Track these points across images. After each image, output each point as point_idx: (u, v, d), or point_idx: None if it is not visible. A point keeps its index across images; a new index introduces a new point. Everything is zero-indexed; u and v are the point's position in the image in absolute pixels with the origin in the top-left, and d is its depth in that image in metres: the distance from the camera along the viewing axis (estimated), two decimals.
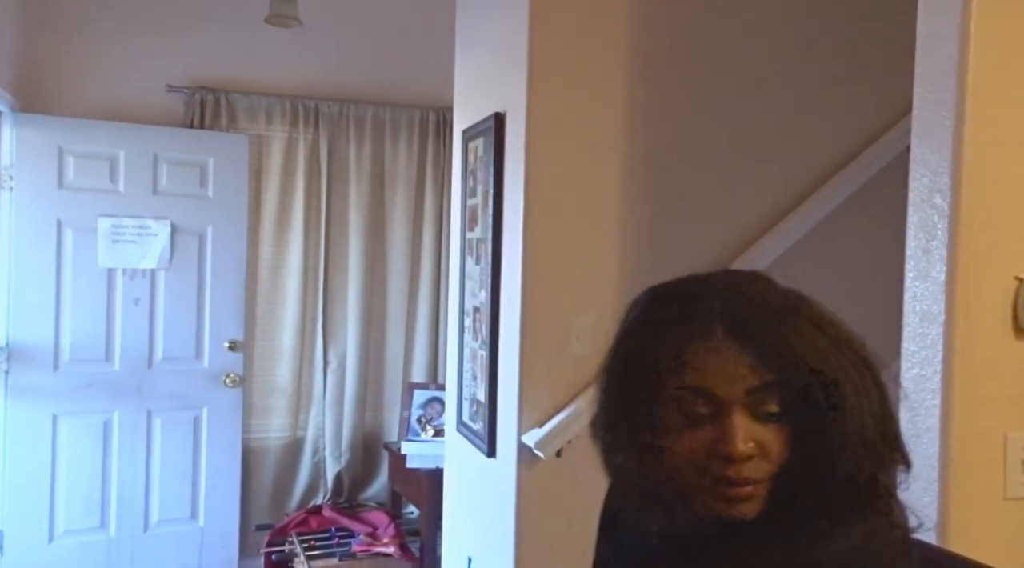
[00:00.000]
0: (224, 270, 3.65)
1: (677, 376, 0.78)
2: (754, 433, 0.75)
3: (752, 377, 0.75)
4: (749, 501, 0.76)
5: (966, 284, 1.13)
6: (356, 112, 3.90)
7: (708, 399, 0.77)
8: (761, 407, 0.76)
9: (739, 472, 0.75)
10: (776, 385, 0.75)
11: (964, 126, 1.11)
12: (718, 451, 0.75)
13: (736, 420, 0.75)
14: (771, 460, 0.76)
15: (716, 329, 0.77)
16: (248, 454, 3.79)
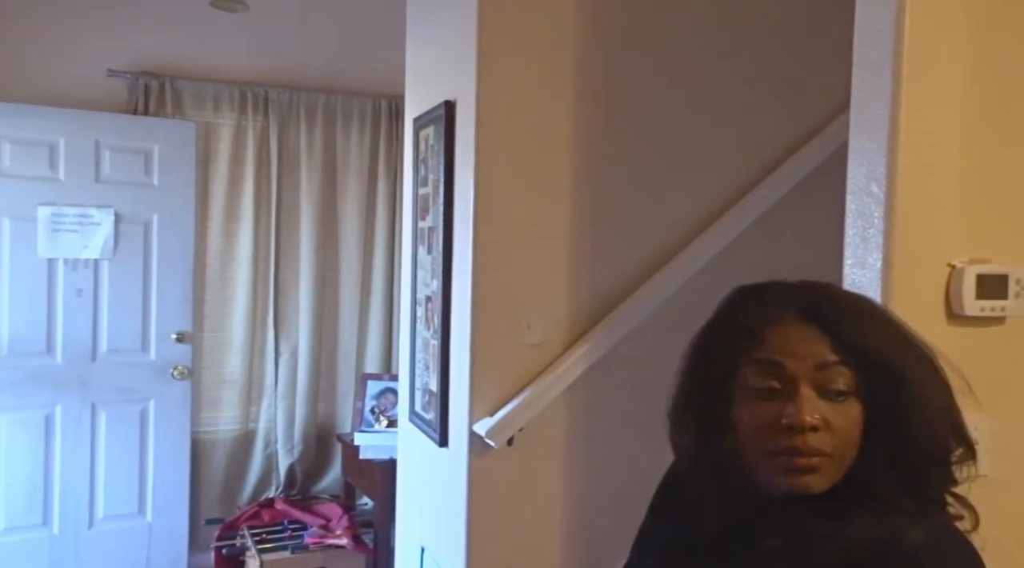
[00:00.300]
0: (171, 260, 3.57)
1: (751, 351, 0.84)
2: (820, 408, 0.80)
3: (821, 355, 0.81)
4: (814, 474, 0.79)
5: (901, 271, 1.16)
6: (307, 100, 3.84)
7: (778, 373, 0.82)
8: (828, 384, 0.80)
9: (805, 441, 0.79)
10: (844, 365, 0.80)
11: (899, 116, 1.13)
12: (785, 422, 0.79)
13: (804, 392, 0.80)
14: (837, 436, 0.79)
15: (791, 314, 0.84)
16: (198, 447, 3.73)
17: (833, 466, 0.80)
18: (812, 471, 0.80)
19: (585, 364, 2.16)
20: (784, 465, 0.80)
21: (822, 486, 0.80)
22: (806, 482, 0.80)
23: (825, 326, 0.82)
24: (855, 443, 0.81)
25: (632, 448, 2.27)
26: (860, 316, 0.84)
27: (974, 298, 1.17)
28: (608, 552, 2.27)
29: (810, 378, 0.81)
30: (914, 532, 0.77)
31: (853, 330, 0.82)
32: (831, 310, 0.84)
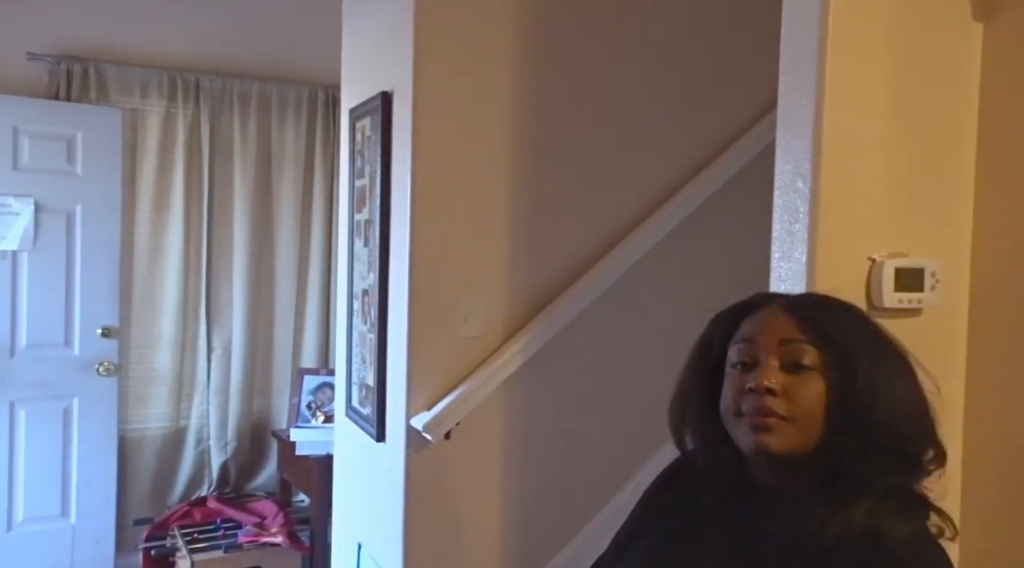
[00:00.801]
0: (96, 252, 3.44)
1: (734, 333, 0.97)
2: (781, 377, 0.90)
3: (787, 332, 0.92)
4: (771, 433, 0.88)
5: (824, 264, 1.20)
6: (240, 87, 3.74)
7: (750, 349, 0.93)
8: (791, 358, 0.90)
9: (763, 402, 0.88)
10: (808, 344, 0.90)
11: (823, 114, 1.17)
12: (748, 385, 0.91)
13: (767, 362, 0.91)
14: (795, 403, 0.89)
15: (773, 306, 0.97)
16: (125, 445, 3.61)
17: (791, 431, 0.89)
18: (769, 430, 0.89)
19: (523, 357, 2.17)
20: (747, 425, 0.90)
21: (780, 447, 0.89)
22: (765, 440, 0.89)
23: (797, 313, 0.93)
24: (816, 415, 0.89)
25: (569, 440, 2.29)
26: (830, 308, 0.95)
27: (893, 290, 1.22)
28: (546, 543, 2.28)
29: (775, 351, 0.91)
30: (902, 528, 0.84)
31: (821, 317, 0.93)
32: (809, 303, 0.96)
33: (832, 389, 0.89)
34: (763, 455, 0.90)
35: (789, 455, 0.89)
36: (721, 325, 1.01)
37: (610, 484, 2.35)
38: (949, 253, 1.28)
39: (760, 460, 0.92)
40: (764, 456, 0.90)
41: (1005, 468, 1.23)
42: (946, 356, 1.29)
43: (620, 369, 2.34)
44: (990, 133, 1.28)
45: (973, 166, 1.30)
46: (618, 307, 2.33)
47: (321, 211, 3.93)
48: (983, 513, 1.24)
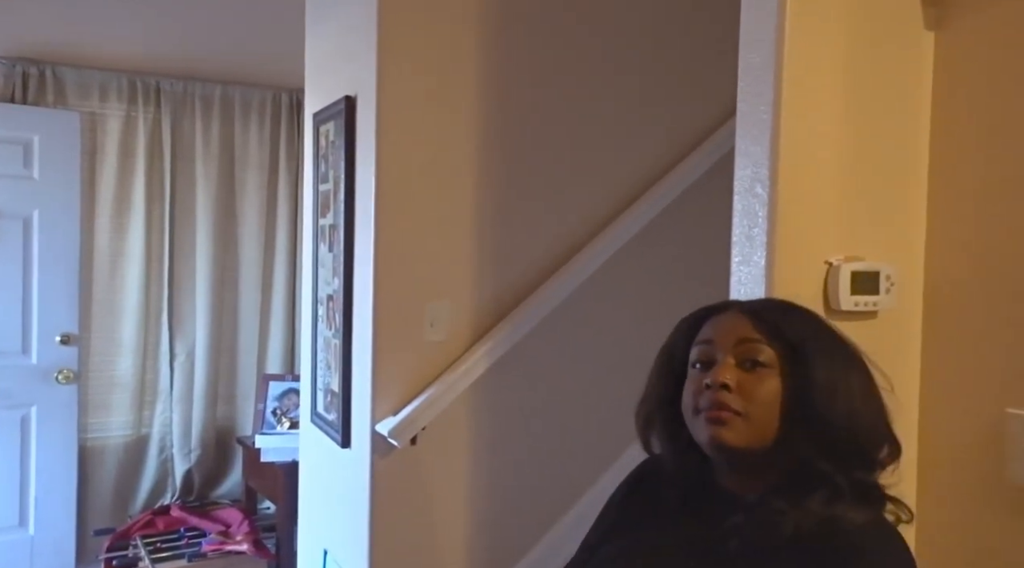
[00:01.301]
0: (54, 257, 3.38)
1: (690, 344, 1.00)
2: (738, 375, 0.93)
3: (744, 332, 0.95)
4: (725, 426, 0.91)
5: (783, 268, 1.21)
6: (202, 91, 3.70)
7: (709, 349, 0.97)
8: (747, 356, 0.93)
9: (718, 397, 0.92)
10: (763, 343, 0.93)
11: (780, 120, 1.18)
12: (705, 382, 0.94)
13: (724, 360, 0.94)
14: (750, 400, 0.91)
15: (731, 310, 1.00)
16: (86, 454, 3.54)
17: (745, 425, 0.91)
18: (723, 423, 0.91)
19: (488, 361, 2.17)
20: (704, 420, 0.93)
21: (735, 441, 0.91)
22: (720, 433, 0.92)
23: (755, 315, 0.97)
24: (770, 411, 0.92)
25: (534, 444, 2.29)
26: (787, 311, 0.99)
27: (849, 294, 1.24)
28: (512, 547, 2.29)
29: (732, 350, 0.94)
30: (858, 515, 0.86)
31: (777, 317, 0.96)
32: (767, 306, 1.00)
33: (787, 387, 0.92)
34: (718, 449, 0.93)
35: (743, 449, 0.92)
36: (683, 330, 1.04)
37: (575, 488, 2.36)
38: (903, 256, 1.31)
39: (717, 455, 0.95)
40: (719, 450, 0.93)
41: (958, 463, 1.26)
42: (901, 356, 1.32)
43: (584, 374, 2.35)
44: (942, 139, 1.31)
45: (926, 171, 1.33)
46: (582, 312, 2.34)
47: (286, 215, 3.90)
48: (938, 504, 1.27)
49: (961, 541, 1.25)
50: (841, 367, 0.93)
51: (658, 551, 0.99)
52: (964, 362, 1.26)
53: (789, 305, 1.01)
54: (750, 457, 0.93)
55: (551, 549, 2.30)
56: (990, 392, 1.21)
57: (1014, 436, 1.16)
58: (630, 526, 1.07)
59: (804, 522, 0.86)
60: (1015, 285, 1.19)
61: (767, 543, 0.87)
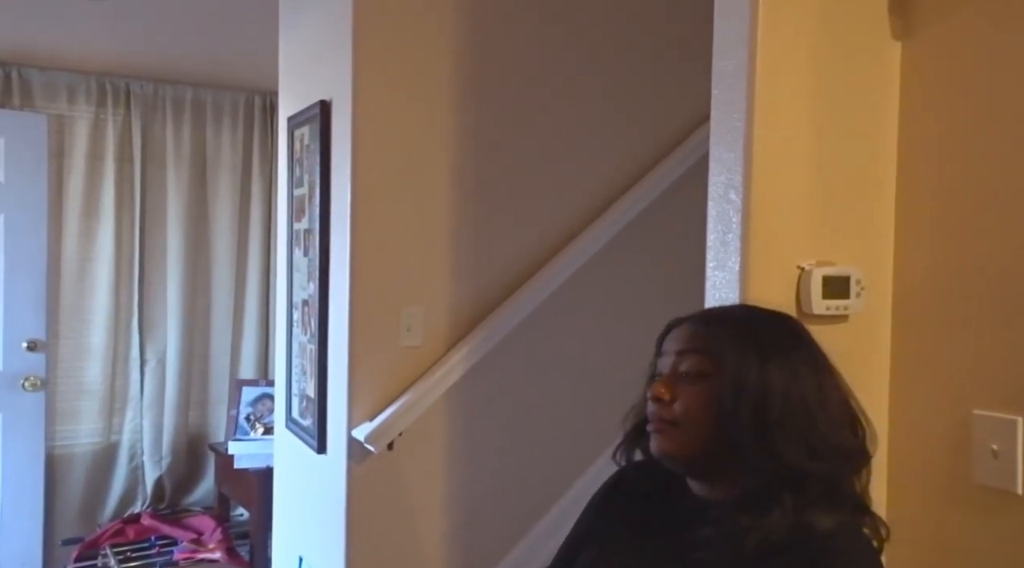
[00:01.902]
0: (20, 262, 3.32)
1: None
2: (673, 387, 0.96)
3: (683, 344, 0.99)
4: (662, 436, 0.96)
5: (756, 273, 1.23)
6: (173, 93, 3.66)
7: (659, 359, 1.01)
8: (682, 367, 0.97)
9: (653, 409, 0.97)
10: (698, 353, 0.96)
11: (753, 127, 1.20)
12: (647, 394, 0.98)
13: (667, 372, 0.98)
14: (684, 409, 0.94)
15: (690, 320, 1.03)
16: (53, 463, 3.48)
17: (678, 434, 0.95)
18: (659, 433, 0.97)
19: (465, 366, 2.17)
20: (649, 430, 0.98)
21: (672, 450, 0.96)
22: (658, 442, 0.97)
23: (700, 324, 1.00)
24: (700, 418, 0.94)
25: (512, 449, 2.30)
26: (729, 317, 1.02)
27: (821, 298, 1.26)
28: (488, 552, 2.29)
29: (673, 361, 0.99)
30: (826, 520, 0.88)
31: (716, 326, 0.99)
32: (719, 313, 1.04)
33: (722, 392, 0.92)
34: (661, 458, 0.98)
35: (682, 457, 0.96)
36: (658, 342, 1.06)
37: (551, 492, 2.37)
38: (873, 261, 1.34)
39: (665, 464, 0.99)
40: (663, 459, 0.98)
41: (927, 463, 1.28)
42: (871, 359, 1.34)
43: (560, 379, 2.36)
44: (909, 146, 1.34)
45: (894, 177, 1.36)
46: (558, 318, 2.35)
47: (259, 220, 3.86)
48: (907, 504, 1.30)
49: (930, 540, 1.27)
50: (788, 369, 0.92)
51: (633, 561, 1.01)
52: (932, 364, 1.29)
53: (747, 310, 1.04)
54: (698, 463, 0.96)
55: (528, 553, 2.31)
56: (958, 394, 1.24)
57: (980, 437, 1.19)
58: (606, 534, 1.07)
59: (770, 536, 0.87)
60: (981, 289, 1.22)
61: (734, 554, 0.88)
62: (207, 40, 3.65)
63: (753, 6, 1.21)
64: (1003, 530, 1.17)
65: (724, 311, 1.08)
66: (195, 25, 3.62)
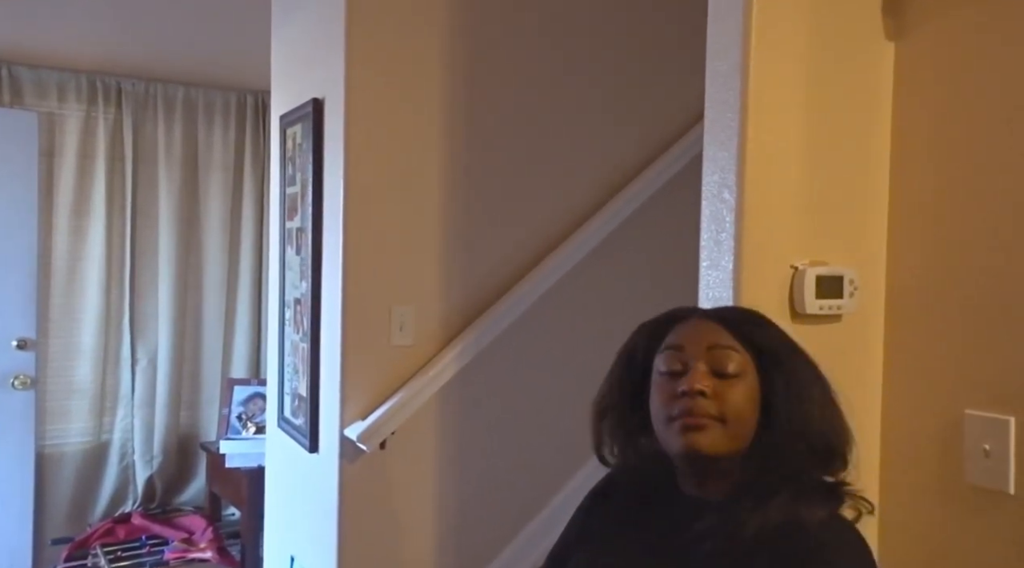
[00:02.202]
0: (10, 260, 3.30)
1: (660, 344, 0.99)
2: (712, 382, 0.92)
3: (716, 338, 0.95)
4: (702, 432, 0.91)
5: (750, 272, 1.23)
6: (164, 92, 3.64)
7: (680, 355, 0.96)
8: (719, 364, 0.93)
9: (694, 403, 0.91)
10: (736, 350, 0.93)
11: (747, 127, 1.20)
12: (680, 389, 0.93)
13: (697, 366, 0.93)
14: (725, 406, 0.91)
15: (697, 317, 1.00)
16: (43, 462, 3.46)
17: (721, 431, 0.91)
18: (700, 429, 0.91)
19: (457, 365, 2.17)
20: (679, 427, 0.92)
21: (712, 447, 0.91)
22: (696, 439, 0.91)
23: (724, 321, 0.97)
24: (746, 419, 0.92)
25: (504, 448, 2.30)
26: (755, 320, 0.99)
27: (814, 298, 1.26)
28: (481, 551, 2.28)
29: (704, 357, 0.94)
30: (819, 512, 0.88)
31: (748, 328, 0.96)
32: (729, 312, 1.01)
33: (761, 394, 0.93)
34: (693, 456, 0.92)
35: (719, 455, 0.91)
36: (645, 335, 1.03)
37: (544, 491, 2.37)
38: (866, 261, 1.34)
39: (689, 462, 0.95)
40: (694, 457, 0.92)
41: (919, 462, 1.29)
42: (864, 359, 1.35)
43: (552, 379, 2.36)
44: (902, 146, 1.34)
45: (887, 178, 1.36)
46: (550, 318, 2.35)
47: (251, 218, 3.85)
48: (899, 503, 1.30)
49: (921, 539, 1.28)
50: (804, 375, 0.95)
51: (623, 560, 1.00)
52: (925, 364, 1.29)
53: (752, 313, 1.02)
54: (722, 463, 0.93)
55: (520, 552, 2.31)
56: (950, 393, 1.24)
57: (973, 437, 1.20)
58: (597, 536, 1.07)
59: (769, 521, 0.88)
60: (973, 290, 1.22)
61: (729, 549, 0.88)
62: (199, 38, 3.64)
63: (747, 7, 1.21)
64: (994, 530, 1.18)
65: (735, 311, 1.06)
66: (187, 23, 3.61)
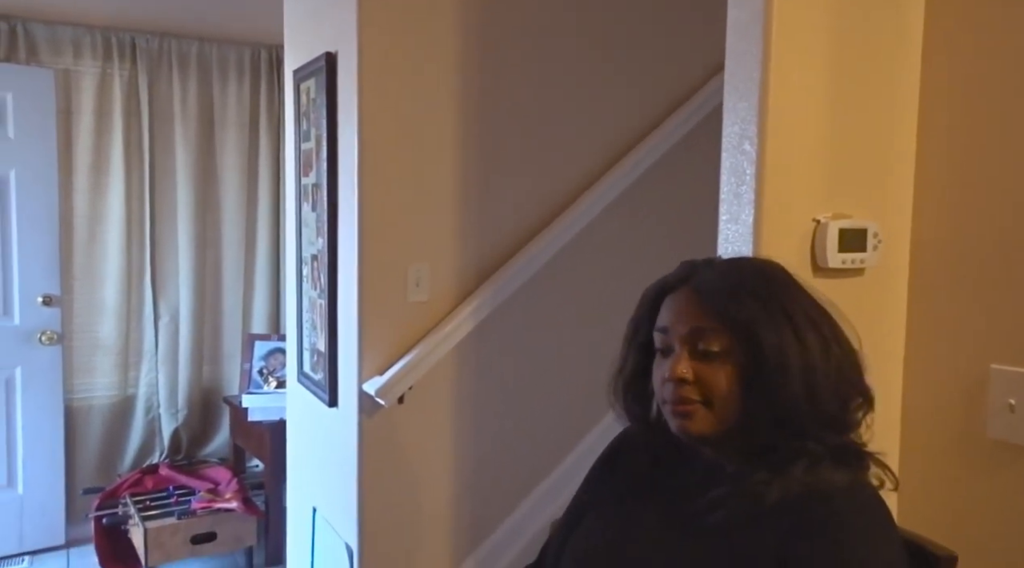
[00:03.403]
0: (33, 218, 3.32)
1: (655, 320, 0.99)
2: (695, 366, 0.92)
3: (696, 321, 0.94)
4: (690, 418, 0.93)
5: (770, 226, 1.21)
6: (179, 47, 3.60)
7: (665, 337, 0.97)
8: (699, 345, 0.93)
9: (677, 391, 0.93)
10: (716, 331, 0.92)
11: (768, 76, 1.17)
12: (665, 376, 0.94)
13: (678, 352, 0.94)
14: (708, 388, 0.92)
15: (685, 288, 0.98)
16: (72, 415, 3.53)
17: (708, 413, 0.92)
18: (687, 416, 0.93)
19: (473, 321, 2.17)
20: (670, 412, 0.95)
21: (700, 429, 0.93)
22: (685, 425, 0.93)
23: (705, 297, 0.95)
24: (730, 396, 0.92)
25: (520, 403, 2.31)
26: (740, 282, 0.95)
27: (836, 251, 1.24)
28: (498, 505, 2.31)
29: (686, 340, 0.94)
30: (837, 479, 0.88)
31: (726, 298, 0.93)
32: (714, 283, 0.96)
33: (743, 370, 0.91)
34: (687, 437, 0.95)
35: (710, 435, 0.93)
36: (646, 305, 1.03)
37: (561, 445, 2.38)
38: (891, 214, 1.31)
39: (689, 441, 0.96)
40: (688, 438, 0.95)
41: (941, 418, 1.27)
42: (887, 313, 1.33)
43: (568, 335, 2.35)
44: (931, 97, 1.30)
45: (915, 128, 1.32)
46: (568, 272, 2.34)
47: (268, 175, 3.84)
48: (921, 459, 1.29)
49: (943, 494, 1.27)
50: (793, 337, 0.90)
51: (637, 522, 1.00)
52: (949, 318, 1.27)
53: (745, 275, 0.98)
54: (721, 437, 0.93)
55: (537, 505, 2.34)
56: (974, 348, 1.22)
57: (997, 392, 1.18)
58: (610, 497, 1.07)
59: (790, 491, 0.87)
60: (1000, 243, 1.19)
61: (747, 515, 0.88)
62: None
63: None
64: (1017, 485, 1.16)
65: (721, 273, 0.98)
66: None
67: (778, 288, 0.96)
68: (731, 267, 1.01)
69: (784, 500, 0.87)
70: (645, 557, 0.95)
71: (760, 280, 0.96)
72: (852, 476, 0.90)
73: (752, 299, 0.93)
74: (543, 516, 2.31)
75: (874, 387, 0.96)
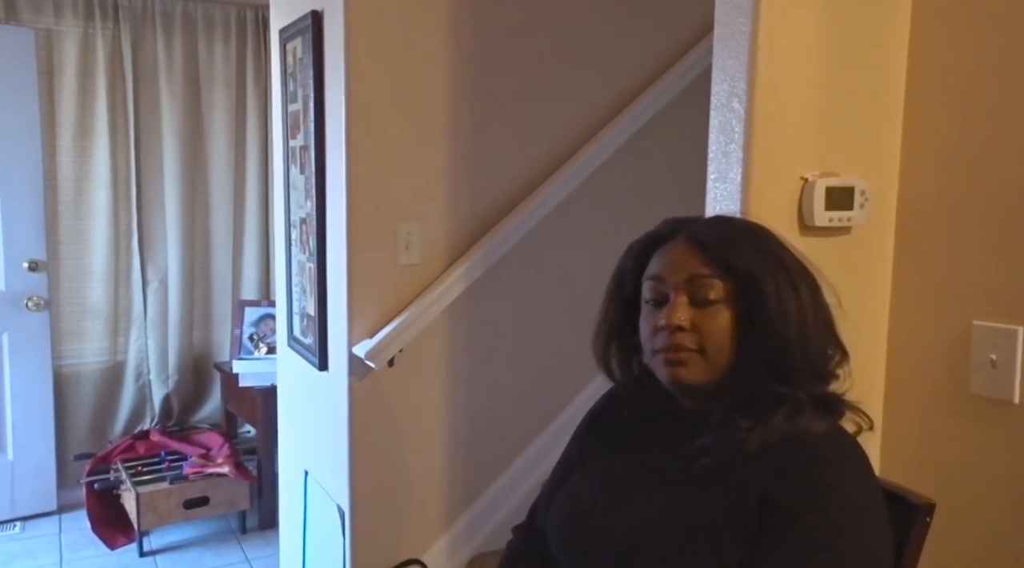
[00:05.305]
0: (16, 182, 3.28)
1: (645, 271, 0.99)
2: (690, 313, 0.93)
3: (694, 268, 0.94)
4: (684, 366, 0.93)
5: (758, 184, 1.21)
6: (163, 6, 3.54)
7: (661, 287, 0.96)
8: (698, 293, 0.93)
9: (673, 339, 0.93)
10: (714, 277, 0.93)
11: (759, 33, 1.16)
12: (660, 323, 0.94)
13: (676, 300, 0.94)
14: (705, 336, 0.93)
15: (678, 238, 0.98)
16: (61, 381, 3.53)
17: (703, 361, 0.93)
18: (681, 364, 0.93)
19: (464, 283, 2.16)
20: (662, 360, 0.95)
21: (695, 378, 0.93)
22: (679, 374, 0.94)
23: (702, 247, 0.95)
24: (724, 344, 0.93)
25: (511, 365, 2.32)
26: (734, 236, 0.97)
27: (823, 209, 1.24)
28: (489, 466, 2.34)
29: (684, 288, 0.94)
30: (817, 424, 0.90)
31: (724, 247, 0.94)
32: (711, 234, 0.97)
33: (739, 317, 0.93)
34: (679, 387, 0.96)
35: (703, 384, 0.94)
36: (632, 258, 1.03)
37: (551, 406, 2.40)
38: (878, 172, 1.31)
39: (677, 391, 0.98)
40: (680, 387, 0.96)
41: (925, 373, 1.29)
42: (873, 271, 1.33)
43: (559, 295, 2.36)
44: (920, 55, 1.29)
45: (903, 87, 1.31)
46: (559, 232, 2.33)
47: (256, 136, 3.80)
48: (904, 414, 1.31)
49: (925, 449, 1.29)
50: (789, 287, 0.93)
51: (624, 474, 1.02)
52: (934, 275, 1.28)
53: (735, 227, 0.99)
54: (711, 386, 0.95)
55: (529, 466, 2.36)
56: (958, 304, 1.23)
57: (980, 347, 1.19)
58: (599, 451, 1.08)
59: (770, 437, 0.89)
60: (986, 201, 1.20)
61: (730, 462, 0.90)
62: None
63: None
64: (998, 439, 1.18)
65: (718, 228, 0.99)
66: None
67: (771, 240, 0.98)
68: (720, 221, 1.02)
69: (766, 446, 0.89)
70: (630, 514, 0.97)
71: (753, 233, 0.99)
72: (831, 423, 0.92)
73: (751, 248, 0.95)
74: (535, 476, 2.33)
75: (860, 342, 0.97)
